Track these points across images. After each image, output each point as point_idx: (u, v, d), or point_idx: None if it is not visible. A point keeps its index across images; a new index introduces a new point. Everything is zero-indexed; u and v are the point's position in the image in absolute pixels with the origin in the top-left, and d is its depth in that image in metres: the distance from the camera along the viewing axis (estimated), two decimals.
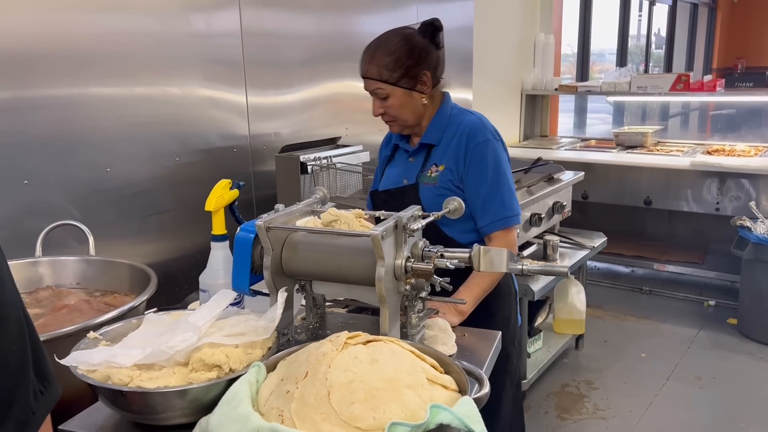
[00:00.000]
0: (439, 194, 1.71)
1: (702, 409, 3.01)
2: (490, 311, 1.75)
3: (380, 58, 1.70)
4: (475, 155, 1.72)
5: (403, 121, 1.77)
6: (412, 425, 0.89)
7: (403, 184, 1.82)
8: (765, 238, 3.49)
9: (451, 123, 1.78)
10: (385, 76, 1.70)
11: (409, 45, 1.70)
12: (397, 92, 1.72)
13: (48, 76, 1.95)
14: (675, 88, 4.35)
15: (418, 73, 1.71)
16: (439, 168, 1.76)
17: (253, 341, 1.13)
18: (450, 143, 1.76)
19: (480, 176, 1.72)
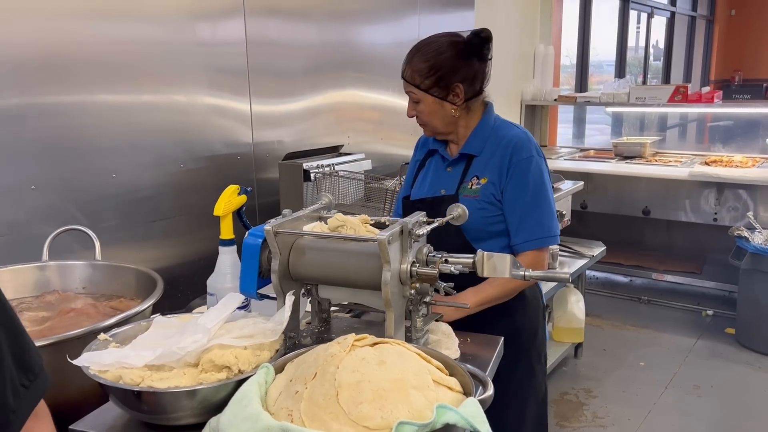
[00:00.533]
0: (480, 207, 1.68)
1: (700, 418, 3.03)
2: (515, 324, 1.72)
3: (416, 62, 1.69)
4: (517, 170, 1.68)
5: (433, 127, 1.75)
6: (419, 424, 0.91)
7: (440, 194, 1.76)
8: (762, 248, 3.52)
9: (495, 135, 1.74)
10: (417, 81, 1.68)
11: (445, 54, 1.67)
12: (428, 99, 1.70)
13: (56, 83, 1.97)
14: (673, 100, 4.40)
15: (450, 84, 1.68)
16: (480, 181, 1.71)
17: (262, 343, 1.16)
18: (493, 156, 1.72)
19: (520, 193, 1.68)
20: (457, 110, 1.72)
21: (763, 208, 3.91)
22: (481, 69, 1.73)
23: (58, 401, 1.27)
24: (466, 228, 1.63)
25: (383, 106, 3.29)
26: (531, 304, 1.78)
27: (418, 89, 1.69)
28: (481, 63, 1.73)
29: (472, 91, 1.73)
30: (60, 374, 1.24)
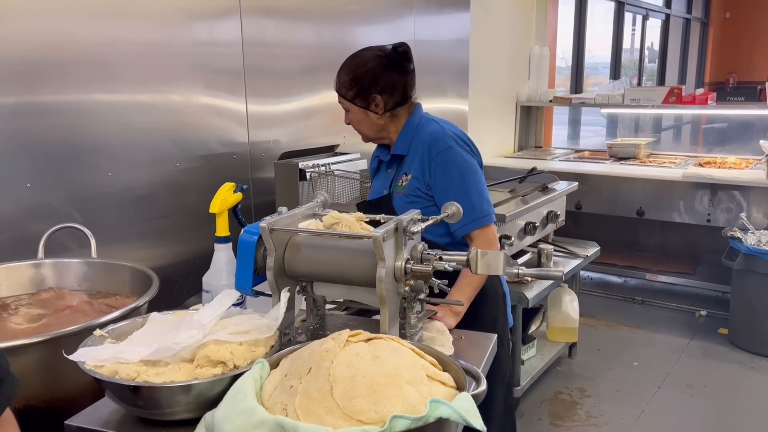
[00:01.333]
0: (409, 201, 1.82)
1: (693, 417, 3.05)
2: (476, 314, 1.79)
3: (342, 74, 1.85)
4: (438, 163, 1.80)
5: (363, 134, 1.93)
6: (413, 418, 0.92)
7: (383, 194, 1.93)
8: (756, 249, 3.54)
9: (417, 134, 1.87)
10: (342, 92, 1.86)
11: (365, 68, 1.82)
12: (354, 109, 1.86)
13: (52, 82, 1.98)
14: (667, 101, 4.42)
15: (370, 95, 1.82)
16: (407, 177, 1.85)
17: (257, 339, 1.16)
18: (416, 153, 1.85)
19: (446, 183, 1.80)
20: (381, 118, 1.86)
21: (756, 209, 3.94)
22: (401, 80, 1.86)
23: (54, 397, 1.28)
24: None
25: None
26: (489, 293, 1.85)
27: (344, 99, 1.86)
28: (402, 75, 1.86)
29: (393, 101, 1.86)
30: (55, 370, 1.25)
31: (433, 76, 3.72)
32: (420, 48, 3.57)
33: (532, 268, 1.39)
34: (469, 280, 1.73)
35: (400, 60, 1.85)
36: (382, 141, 1.96)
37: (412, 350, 1.08)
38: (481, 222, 1.79)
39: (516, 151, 5.12)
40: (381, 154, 2.01)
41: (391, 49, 1.85)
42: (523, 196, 3.18)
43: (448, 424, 0.97)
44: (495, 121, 4.82)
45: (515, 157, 4.92)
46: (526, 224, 3.13)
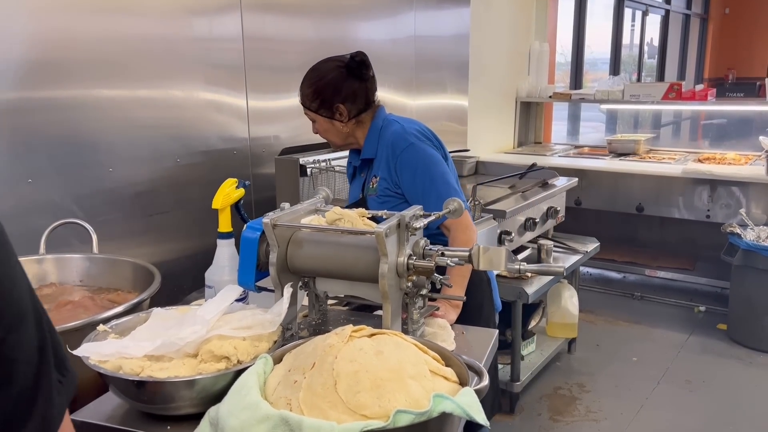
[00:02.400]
0: (381, 202, 1.88)
1: (692, 413, 3.06)
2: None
3: (304, 87, 1.92)
4: (402, 162, 1.85)
5: (331, 142, 2.00)
6: (417, 413, 0.92)
7: (359, 197, 1.99)
8: (755, 245, 3.55)
9: (382, 135, 1.92)
10: (307, 104, 1.93)
11: (324, 80, 1.89)
12: (319, 119, 1.93)
13: (53, 78, 1.98)
14: (667, 97, 4.43)
15: (333, 105, 1.88)
16: (377, 179, 1.92)
17: (260, 334, 1.17)
18: (382, 154, 1.91)
19: (412, 179, 1.85)
20: (346, 126, 1.92)
21: (755, 205, 3.94)
22: (361, 88, 1.91)
23: None
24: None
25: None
26: (473, 278, 1.84)
27: (309, 111, 1.93)
28: (362, 82, 1.91)
29: (357, 108, 1.91)
30: None
31: (433, 71, 3.72)
32: (420, 44, 3.57)
33: (533, 264, 1.40)
34: (459, 271, 1.72)
35: (359, 68, 1.90)
36: (351, 146, 2.01)
37: (415, 345, 1.09)
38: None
39: (515, 147, 5.12)
40: (353, 159, 2.07)
41: (350, 59, 1.91)
42: (523, 192, 3.18)
43: (451, 418, 0.97)
44: (495, 116, 4.83)
45: (515, 152, 4.92)
46: (526, 220, 3.13)
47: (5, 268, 0.66)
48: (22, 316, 0.68)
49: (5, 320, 0.66)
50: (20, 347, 0.67)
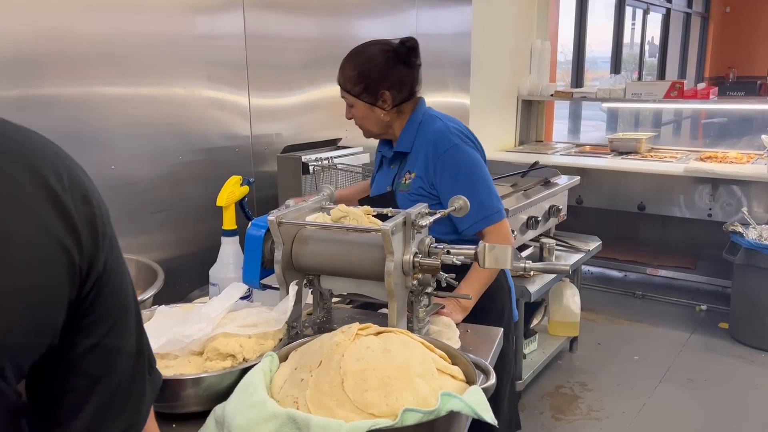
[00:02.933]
0: (412, 200, 1.75)
1: (694, 411, 3.06)
2: (482, 307, 1.76)
3: (347, 69, 1.81)
4: (445, 162, 1.76)
5: (367, 130, 1.88)
6: (425, 411, 0.92)
7: (386, 190, 1.89)
8: (757, 244, 3.54)
9: (421, 131, 1.83)
10: (348, 87, 1.81)
11: (373, 63, 1.78)
12: (359, 104, 1.81)
13: (54, 75, 1.97)
14: (669, 96, 4.42)
15: (378, 91, 1.78)
16: (411, 175, 1.82)
17: (266, 332, 1.16)
18: (420, 151, 1.81)
19: (454, 182, 1.75)
20: (387, 114, 1.82)
21: (757, 203, 3.94)
22: (409, 76, 1.83)
23: None
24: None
25: None
26: (494, 287, 1.81)
27: (349, 95, 1.81)
28: (409, 70, 1.83)
29: (401, 97, 1.82)
30: None
31: (434, 69, 3.71)
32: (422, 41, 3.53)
33: (539, 263, 1.40)
34: (479, 275, 1.71)
35: (408, 55, 1.82)
36: (385, 137, 1.92)
37: (422, 344, 1.09)
38: (494, 219, 1.75)
39: (517, 146, 5.11)
40: (383, 149, 1.97)
41: (399, 44, 1.82)
42: (525, 191, 3.18)
43: (458, 417, 0.97)
44: (496, 115, 4.82)
45: (516, 151, 4.91)
46: (529, 218, 3.13)
47: (116, 261, 0.69)
48: (127, 309, 0.71)
49: (114, 312, 0.69)
50: (123, 339, 0.70)
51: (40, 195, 0.61)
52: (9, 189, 0.60)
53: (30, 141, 0.66)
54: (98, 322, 0.67)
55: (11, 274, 0.59)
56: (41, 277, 0.61)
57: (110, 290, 0.68)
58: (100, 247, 0.66)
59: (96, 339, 0.67)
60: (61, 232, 0.62)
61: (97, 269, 0.65)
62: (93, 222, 0.65)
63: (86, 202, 0.65)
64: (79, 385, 0.67)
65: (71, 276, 0.63)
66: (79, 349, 0.66)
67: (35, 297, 0.60)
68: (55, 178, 0.63)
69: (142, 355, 0.73)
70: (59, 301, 0.63)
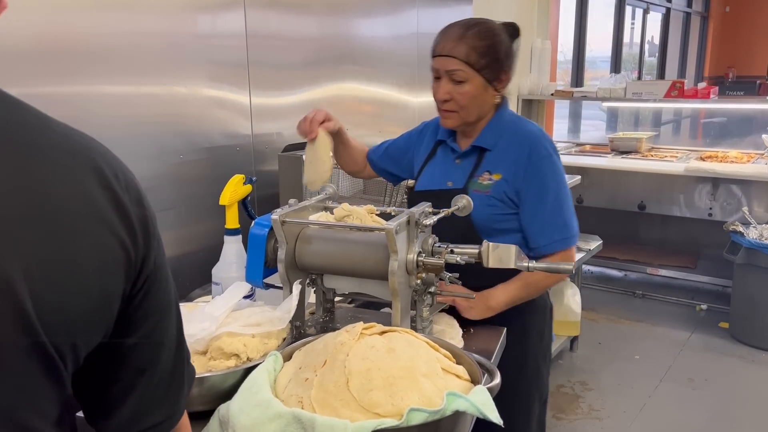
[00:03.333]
0: (490, 204, 1.61)
1: (695, 411, 3.06)
2: (524, 326, 1.67)
3: (473, 39, 1.56)
4: (537, 170, 1.60)
5: (467, 114, 1.62)
6: (430, 411, 0.91)
7: (446, 186, 1.67)
8: (757, 243, 3.54)
9: (509, 130, 1.65)
10: (472, 59, 1.55)
11: (500, 37, 1.61)
12: (477, 81, 1.57)
13: (54, 73, 1.96)
14: (669, 95, 4.41)
15: (501, 69, 1.60)
16: (493, 176, 1.62)
17: (269, 331, 1.16)
18: (507, 152, 1.63)
19: (542, 194, 1.60)
20: (496, 98, 1.64)
21: (758, 203, 3.94)
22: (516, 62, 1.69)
23: None
24: (475, 224, 1.59)
25: (382, 100, 3.30)
26: (539, 305, 1.73)
27: (470, 68, 1.56)
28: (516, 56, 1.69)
29: (509, 81, 1.66)
30: None
31: None
32: (423, 41, 3.56)
33: (542, 262, 1.39)
34: (519, 290, 1.57)
35: (515, 38, 1.68)
36: (470, 126, 1.67)
37: (426, 343, 1.08)
38: (570, 242, 1.61)
39: None
40: (447, 138, 1.72)
41: (507, 25, 1.67)
42: None
43: (464, 417, 0.97)
44: None
45: None
46: None
47: (162, 259, 0.73)
48: (170, 303, 0.75)
49: (161, 307, 0.73)
50: (166, 332, 0.74)
51: (104, 195, 0.65)
52: (78, 188, 0.64)
53: (92, 144, 0.70)
54: (146, 316, 0.71)
55: (78, 267, 0.62)
56: (103, 271, 0.64)
57: (158, 287, 0.72)
58: (150, 246, 0.70)
59: (144, 332, 0.71)
60: (120, 230, 0.66)
61: (148, 267, 0.70)
62: (145, 223, 0.69)
63: (140, 205, 0.70)
64: (125, 377, 0.71)
65: (126, 271, 0.67)
66: (128, 342, 0.70)
67: (97, 289, 0.64)
68: (115, 180, 0.67)
69: (182, 349, 0.77)
70: (116, 294, 0.67)
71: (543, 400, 1.82)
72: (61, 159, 0.64)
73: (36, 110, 0.69)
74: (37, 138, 0.65)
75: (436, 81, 1.63)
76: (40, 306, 0.59)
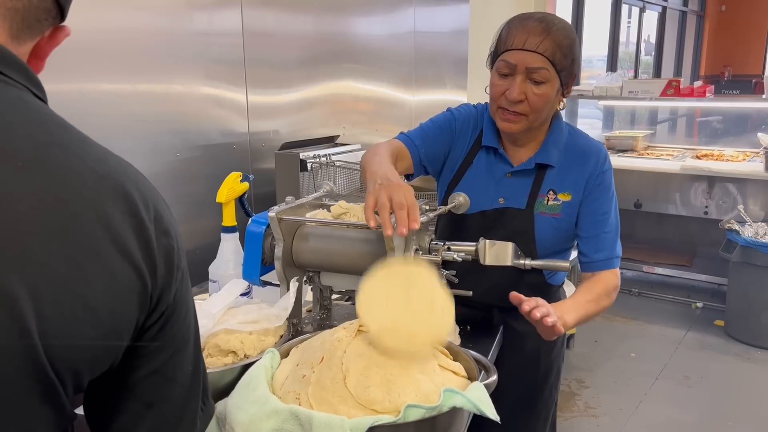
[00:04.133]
0: (558, 227, 1.49)
1: (690, 408, 3.07)
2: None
3: (559, 36, 1.40)
4: (602, 182, 1.49)
5: (536, 119, 1.46)
6: (427, 407, 0.92)
7: (499, 204, 1.52)
8: (753, 241, 3.56)
9: (572, 144, 1.53)
10: (557, 58, 1.40)
11: (575, 38, 1.46)
12: (555, 83, 1.42)
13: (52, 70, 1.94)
14: (666, 93, 4.43)
15: (573, 72, 1.46)
16: (559, 196, 1.49)
17: (267, 328, 1.16)
18: (571, 168, 1.50)
19: (606, 208, 1.50)
20: (561, 103, 1.51)
21: (753, 201, 3.95)
22: None
23: None
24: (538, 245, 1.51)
25: (378, 98, 3.30)
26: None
27: (553, 68, 1.40)
28: None
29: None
30: None
31: (432, 67, 3.72)
32: (419, 39, 3.56)
33: (539, 260, 1.39)
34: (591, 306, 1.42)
35: None
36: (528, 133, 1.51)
37: None
38: (616, 263, 1.52)
39: None
40: (499, 147, 1.53)
41: None
42: None
43: (461, 413, 0.97)
44: None
45: None
46: None
47: (185, 293, 0.72)
48: (187, 339, 0.73)
49: (176, 341, 0.71)
50: (179, 369, 0.72)
51: (128, 222, 0.65)
52: (101, 212, 0.63)
53: (127, 170, 0.70)
54: (159, 349, 0.70)
55: (90, 290, 0.61)
56: (116, 298, 0.63)
57: (175, 321, 0.71)
58: (173, 279, 0.69)
59: (155, 366, 0.70)
60: (140, 259, 0.65)
61: (167, 299, 0.69)
62: (170, 254, 0.69)
63: (167, 235, 0.69)
64: (132, 408, 0.70)
65: (141, 302, 0.66)
66: (138, 373, 0.69)
67: (106, 316, 0.63)
68: (144, 209, 0.66)
69: (197, 387, 0.75)
70: (128, 324, 0.65)
71: (556, 401, 1.82)
72: (90, 182, 0.64)
73: (79, 133, 0.69)
74: (71, 159, 0.64)
75: (502, 77, 1.44)
76: (45, 326, 0.58)
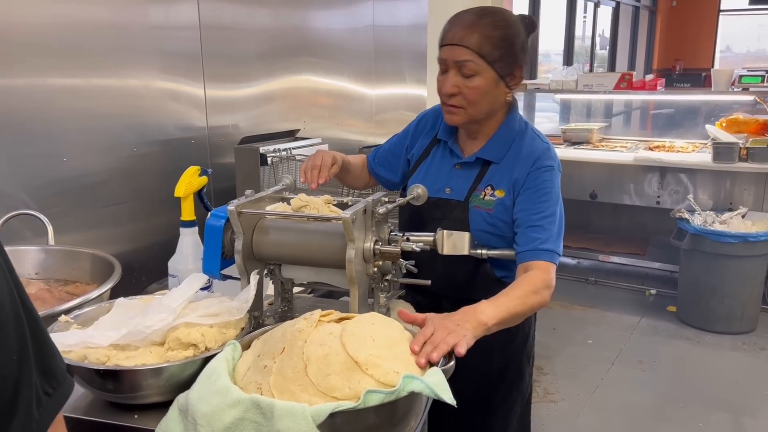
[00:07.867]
0: (491, 223, 1.50)
1: (645, 391, 3.18)
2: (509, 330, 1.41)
3: (486, 28, 1.42)
4: (535, 180, 1.48)
5: (475, 111, 1.48)
6: (386, 392, 0.94)
7: (445, 193, 1.56)
8: (702, 229, 3.69)
9: (518, 143, 1.53)
10: (485, 50, 1.41)
11: (515, 29, 1.46)
12: (489, 74, 1.43)
13: (2, 64, 1.91)
14: (619, 87, 4.54)
15: (515, 62, 1.46)
16: (496, 192, 1.51)
17: (228, 321, 1.17)
18: (513, 167, 1.51)
19: (539, 201, 1.47)
20: (508, 96, 1.51)
21: (702, 191, 4.10)
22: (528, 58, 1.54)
23: None
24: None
25: (338, 92, 3.30)
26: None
27: (482, 60, 1.42)
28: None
29: (522, 79, 1.52)
30: None
31: (391, 61, 3.73)
32: (378, 33, 3.57)
33: (494, 250, 1.44)
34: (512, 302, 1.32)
35: (531, 31, 1.51)
36: (475, 125, 1.53)
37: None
38: (545, 257, 1.45)
39: None
40: (449, 139, 1.58)
41: (524, 17, 1.52)
42: None
43: (419, 397, 1.00)
44: None
45: None
46: None
47: None
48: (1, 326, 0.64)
49: None
50: None
51: None
52: None
53: None
54: None
55: None
56: None
57: None
58: None
59: None
60: None
61: None
62: None
63: None
64: None
65: None
66: None
67: None
68: None
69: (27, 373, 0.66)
70: None
71: (526, 400, 1.73)
72: None
73: None
74: None
75: (442, 73, 1.50)
76: None
